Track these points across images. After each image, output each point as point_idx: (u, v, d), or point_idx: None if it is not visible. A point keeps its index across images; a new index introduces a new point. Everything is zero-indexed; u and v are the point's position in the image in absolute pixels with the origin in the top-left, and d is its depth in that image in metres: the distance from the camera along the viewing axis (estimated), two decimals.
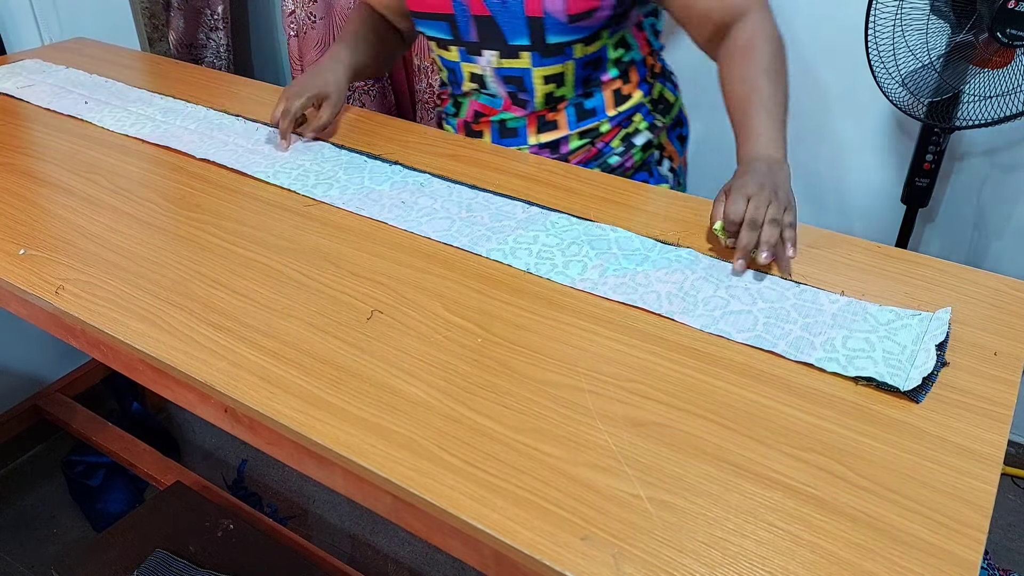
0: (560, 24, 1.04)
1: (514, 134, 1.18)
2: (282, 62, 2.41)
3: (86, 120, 1.30)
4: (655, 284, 0.87)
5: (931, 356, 0.75)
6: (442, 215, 1.01)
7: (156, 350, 0.80)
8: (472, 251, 0.94)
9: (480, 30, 1.08)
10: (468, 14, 1.07)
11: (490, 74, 1.12)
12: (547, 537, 0.60)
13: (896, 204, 1.68)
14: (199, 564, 1.22)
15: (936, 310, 0.82)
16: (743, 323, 0.81)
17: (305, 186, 1.08)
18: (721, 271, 0.89)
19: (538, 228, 0.98)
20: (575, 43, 1.07)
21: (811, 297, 0.85)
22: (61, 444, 1.95)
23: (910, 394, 0.72)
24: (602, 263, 0.91)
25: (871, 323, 0.80)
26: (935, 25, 1.40)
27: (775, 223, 0.87)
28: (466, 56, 1.13)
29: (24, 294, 0.90)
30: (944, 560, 0.58)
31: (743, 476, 0.65)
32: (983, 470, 0.65)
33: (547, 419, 0.70)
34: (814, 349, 0.77)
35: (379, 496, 0.71)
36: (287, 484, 1.90)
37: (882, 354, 0.76)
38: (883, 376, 0.73)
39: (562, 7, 1.02)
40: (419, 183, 1.08)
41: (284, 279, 0.90)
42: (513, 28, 1.06)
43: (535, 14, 1.03)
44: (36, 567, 1.69)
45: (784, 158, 0.95)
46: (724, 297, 0.85)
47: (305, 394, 0.74)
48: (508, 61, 1.10)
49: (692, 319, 0.82)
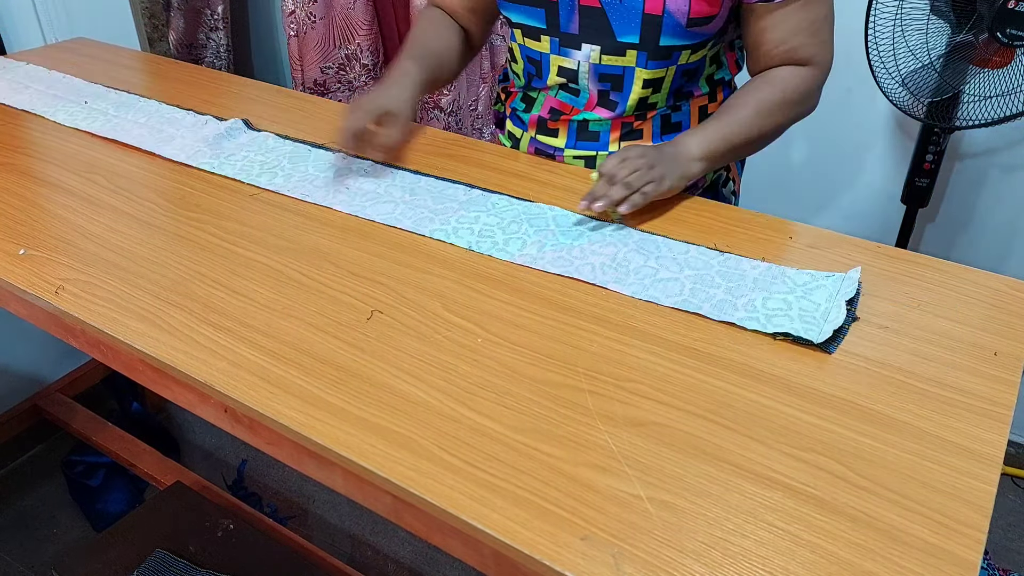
0: (678, 26, 0.99)
1: (595, 138, 1.12)
2: (282, 62, 2.41)
3: (40, 115, 1.30)
4: (590, 257, 0.92)
5: (842, 311, 0.81)
6: (385, 199, 1.05)
7: (156, 350, 0.79)
8: (416, 232, 0.97)
9: (584, 22, 1.02)
10: (575, 3, 1.01)
11: (585, 70, 1.06)
12: (547, 537, 0.60)
13: (896, 204, 1.68)
14: (199, 564, 1.22)
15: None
16: (671, 289, 0.87)
17: (250, 175, 1.11)
18: (651, 244, 0.94)
19: (479, 209, 1.02)
20: (684, 48, 1.02)
21: (734, 264, 0.90)
22: (61, 444, 1.95)
23: (822, 346, 0.78)
24: (540, 239, 0.95)
25: (789, 285, 0.86)
26: (935, 25, 1.40)
27: (627, 186, 0.94)
28: (559, 49, 1.06)
29: (24, 294, 0.90)
30: (944, 560, 0.58)
31: (743, 476, 0.65)
32: (983, 470, 0.65)
33: (547, 419, 0.70)
34: (736, 310, 0.83)
35: (379, 496, 0.71)
36: (287, 484, 1.90)
37: (798, 312, 0.82)
38: (798, 331, 0.79)
39: (685, 8, 0.97)
40: (363, 169, 1.12)
41: (284, 279, 0.90)
42: (625, 24, 1.00)
43: (655, 12, 0.98)
44: (36, 567, 1.69)
45: (700, 158, 1.00)
46: (654, 267, 0.90)
47: (305, 394, 0.74)
48: (611, 58, 1.03)
49: (624, 287, 0.87)
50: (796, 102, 1.04)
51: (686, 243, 0.94)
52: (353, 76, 2.12)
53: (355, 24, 2.06)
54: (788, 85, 1.02)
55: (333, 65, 2.12)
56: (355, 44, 2.08)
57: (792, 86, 1.02)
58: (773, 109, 1.02)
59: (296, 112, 1.32)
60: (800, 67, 1.03)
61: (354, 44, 2.09)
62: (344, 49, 2.10)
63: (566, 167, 1.12)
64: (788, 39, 1.01)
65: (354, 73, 2.12)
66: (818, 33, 1.02)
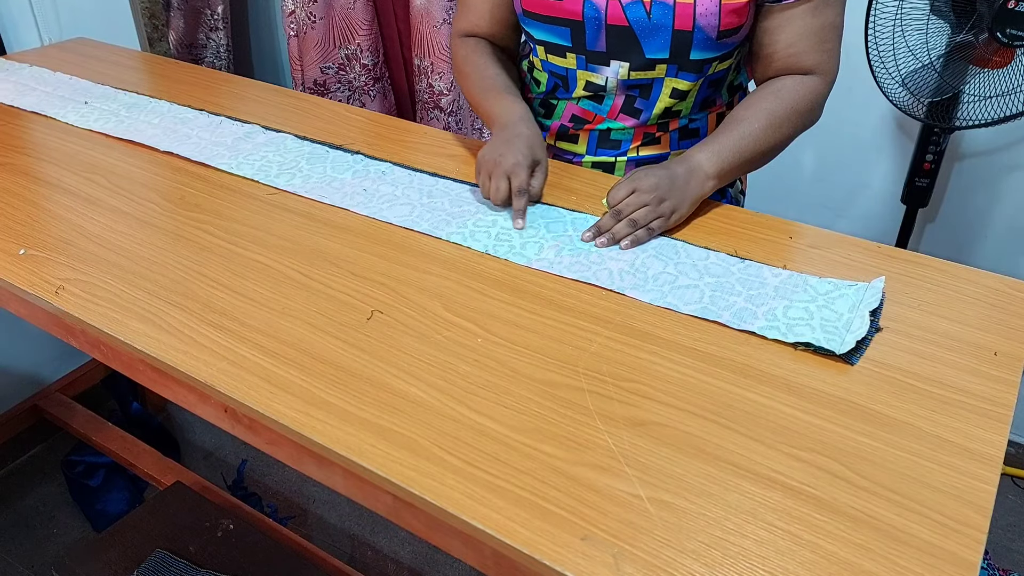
0: (708, 40, 0.98)
1: (616, 146, 1.11)
2: (282, 62, 2.41)
3: (49, 116, 1.30)
4: (607, 262, 0.91)
5: (865, 322, 0.79)
6: (403, 201, 1.04)
7: (156, 350, 0.79)
8: (433, 235, 0.97)
9: (611, 40, 1.01)
10: (601, 23, 1.00)
11: (614, 84, 1.05)
12: (547, 537, 0.60)
13: (896, 204, 1.68)
14: (199, 564, 1.22)
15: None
16: (690, 296, 0.85)
17: (268, 176, 1.11)
18: (670, 249, 0.94)
19: (496, 212, 1.01)
20: (714, 60, 1.02)
21: (755, 271, 0.89)
22: (61, 444, 1.95)
23: (845, 357, 0.76)
24: (558, 244, 0.95)
25: (811, 293, 0.85)
26: (935, 25, 1.40)
27: (633, 223, 0.94)
28: (586, 65, 1.05)
29: (24, 294, 0.90)
30: (944, 560, 0.58)
31: (743, 476, 0.65)
32: (983, 470, 0.65)
33: (547, 419, 0.70)
34: (756, 318, 0.82)
35: (379, 496, 0.71)
36: (287, 484, 1.90)
37: (820, 321, 0.81)
38: (820, 341, 0.78)
39: (715, 22, 0.96)
40: (380, 171, 1.11)
41: (284, 279, 0.90)
42: (654, 41, 0.99)
43: (685, 28, 0.97)
44: (36, 567, 1.69)
45: (714, 176, 0.98)
46: (672, 273, 0.89)
47: (305, 394, 0.74)
48: (640, 73, 1.02)
49: (642, 294, 0.86)
50: (804, 113, 1.02)
51: (705, 249, 0.93)
52: (353, 76, 2.12)
53: (355, 24, 2.06)
54: (796, 96, 1.01)
55: (333, 65, 2.12)
56: (355, 44, 2.08)
57: (800, 96, 1.01)
58: (783, 121, 1.01)
59: (296, 112, 1.32)
60: (806, 77, 1.02)
61: (354, 44, 2.09)
62: (344, 49, 2.10)
63: (582, 171, 1.11)
64: (794, 43, 1.00)
65: (354, 73, 2.12)
66: (825, 41, 1.00)
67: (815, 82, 1.02)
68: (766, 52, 1.03)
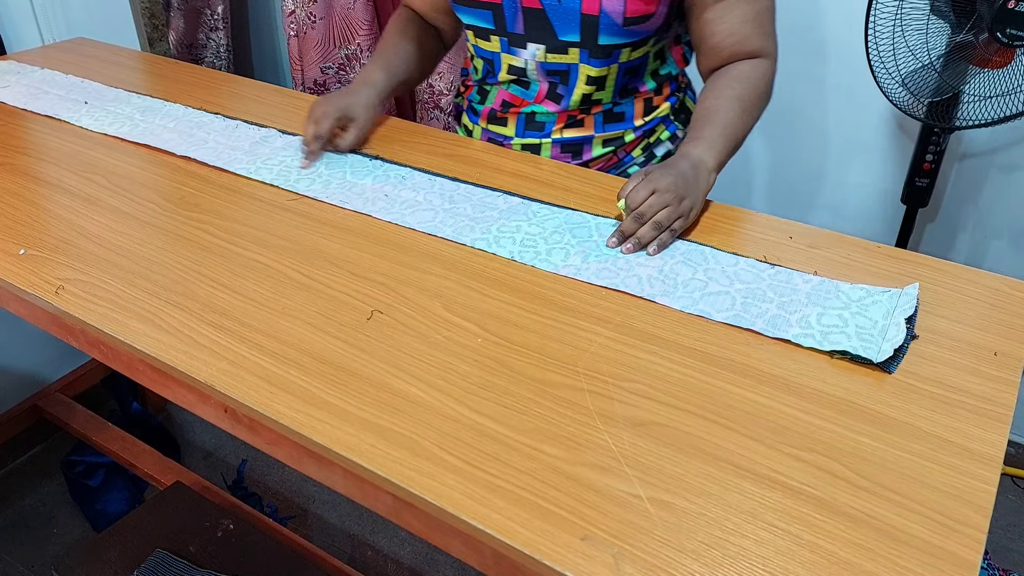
0: (615, 25, 1.02)
1: (540, 128, 1.16)
2: (282, 62, 2.41)
3: (63, 120, 1.30)
4: (636, 268, 0.90)
5: (901, 329, 0.78)
6: (425, 207, 1.03)
7: (156, 350, 0.80)
8: (457, 241, 0.96)
9: (528, 22, 1.06)
10: (517, 5, 1.05)
11: (533, 67, 1.10)
12: (547, 537, 0.60)
13: (896, 204, 1.68)
14: (199, 564, 1.22)
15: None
16: (721, 303, 0.84)
17: (288, 181, 1.10)
18: (699, 255, 0.92)
19: (520, 218, 1.00)
20: (624, 47, 1.06)
21: (785, 277, 0.88)
22: (61, 444, 1.95)
23: (882, 365, 0.75)
24: (584, 249, 0.93)
25: (843, 300, 0.84)
26: (935, 25, 1.40)
27: (658, 226, 0.93)
28: (508, 48, 1.11)
29: (24, 294, 0.90)
30: (944, 560, 0.58)
31: (743, 476, 0.65)
32: (983, 470, 0.65)
33: (547, 419, 0.70)
34: (790, 326, 0.80)
35: (379, 496, 0.71)
36: (287, 484, 1.90)
37: (855, 329, 0.79)
38: (856, 349, 0.76)
39: (621, 8, 1.01)
40: (400, 176, 1.11)
41: (284, 279, 0.90)
42: (565, 23, 1.04)
43: (591, 12, 1.02)
44: (36, 567, 1.69)
45: (715, 169, 1.00)
46: (702, 279, 0.88)
47: (305, 394, 0.74)
48: (555, 56, 1.08)
49: (672, 301, 0.85)
50: (764, 95, 1.07)
51: (735, 255, 0.92)
52: (353, 76, 2.12)
53: (355, 24, 2.06)
54: (756, 79, 1.05)
55: (333, 65, 2.12)
56: (355, 44, 2.09)
57: (758, 79, 1.06)
58: (752, 105, 1.05)
59: (296, 112, 1.31)
60: (755, 60, 1.06)
61: (354, 44, 2.09)
62: (344, 49, 2.10)
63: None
64: (736, 30, 1.04)
65: (354, 73, 2.12)
66: (763, 24, 1.05)
67: (765, 65, 1.07)
68: (711, 43, 1.06)
